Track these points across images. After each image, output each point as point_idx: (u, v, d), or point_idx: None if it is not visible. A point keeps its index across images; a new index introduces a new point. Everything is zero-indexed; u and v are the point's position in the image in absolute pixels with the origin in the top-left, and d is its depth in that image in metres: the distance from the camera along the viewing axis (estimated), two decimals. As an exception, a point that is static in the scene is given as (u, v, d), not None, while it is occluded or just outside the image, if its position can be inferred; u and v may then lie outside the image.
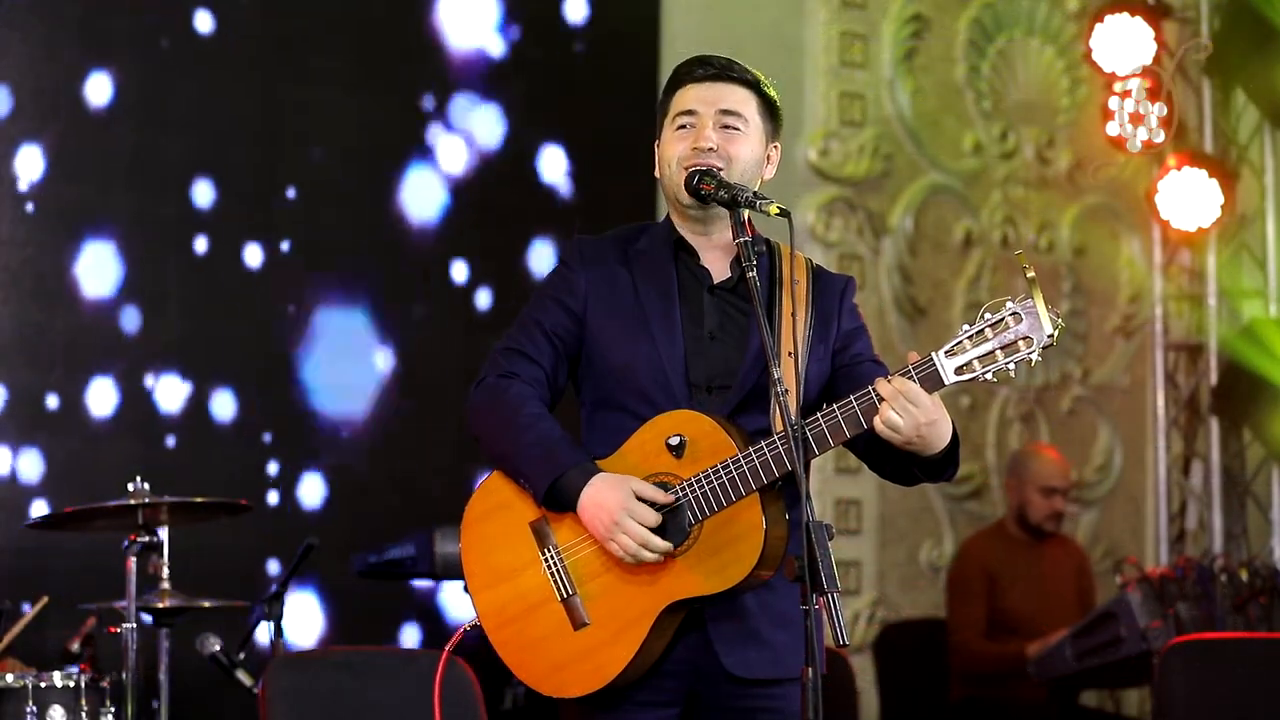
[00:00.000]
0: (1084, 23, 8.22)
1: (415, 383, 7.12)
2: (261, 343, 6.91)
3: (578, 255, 3.83)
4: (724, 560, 3.59)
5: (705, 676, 3.69)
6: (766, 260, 3.75)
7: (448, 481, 6.85)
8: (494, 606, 3.71)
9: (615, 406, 3.74)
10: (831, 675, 3.59)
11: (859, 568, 8.11)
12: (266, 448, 6.86)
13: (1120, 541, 8.57)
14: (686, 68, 3.83)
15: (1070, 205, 8.76)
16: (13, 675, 5.09)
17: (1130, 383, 8.82)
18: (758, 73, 3.83)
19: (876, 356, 3.85)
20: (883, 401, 3.51)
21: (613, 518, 3.59)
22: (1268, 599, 6.84)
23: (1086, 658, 6.93)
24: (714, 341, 3.75)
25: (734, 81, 3.80)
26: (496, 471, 3.75)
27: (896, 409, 3.49)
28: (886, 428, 3.51)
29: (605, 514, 3.59)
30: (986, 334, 3.52)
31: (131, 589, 5.11)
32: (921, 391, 3.51)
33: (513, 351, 3.77)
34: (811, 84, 8.10)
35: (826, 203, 8.12)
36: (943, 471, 3.66)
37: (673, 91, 3.83)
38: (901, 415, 3.50)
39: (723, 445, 3.60)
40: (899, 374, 3.54)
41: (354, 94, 7.07)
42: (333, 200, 7.03)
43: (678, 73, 3.84)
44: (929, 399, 3.51)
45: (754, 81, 3.81)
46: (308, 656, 5.75)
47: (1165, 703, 5.88)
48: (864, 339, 3.85)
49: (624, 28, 7.62)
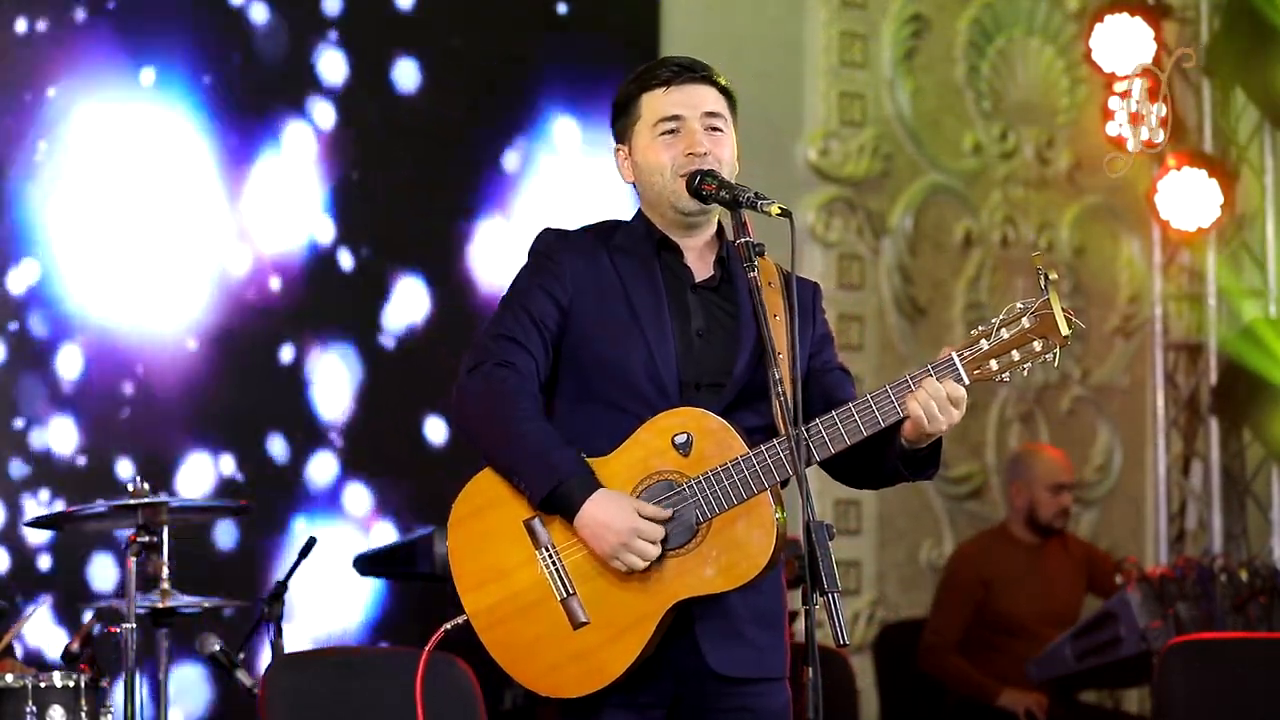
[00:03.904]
0: (1084, 23, 8.22)
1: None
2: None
3: (558, 245, 3.79)
4: (733, 559, 3.59)
5: (691, 676, 3.69)
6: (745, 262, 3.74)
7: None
8: (484, 606, 3.68)
9: (601, 401, 3.71)
10: (830, 675, 3.60)
11: (859, 568, 8.11)
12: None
13: (1120, 541, 8.57)
14: (653, 71, 3.80)
15: (1070, 205, 8.76)
16: (13, 675, 5.08)
17: (1130, 383, 8.81)
18: (713, 68, 3.82)
19: (843, 364, 3.87)
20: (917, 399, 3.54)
21: (620, 539, 3.57)
22: (1268, 599, 6.84)
23: (1086, 658, 6.93)
24: (702, 340, 3.74)
25: (707, 82, 3.79)
26: (486, 469, 3.71)
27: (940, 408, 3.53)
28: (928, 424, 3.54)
29: (611, 534, 3.57)
30: (1003, 334, 3.54)
31: (131, 589, 5.11)
32: (964, 394, 3.56)
33: (505, 338, 3.71)
34: (811, 84, 8.10)
35: (826, 203, 8.12)
36: (926, 469, 3.68)
37: (639, 96, 3.79)
38: (943, 415, 3.54)
39: (730, 444, 3.60)
40: (919, 373, 3.56)
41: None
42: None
43: (643, 76, 3.80)
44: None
45: (717, 78, 3.80)
46: (308, 656, 5.75)
47: (1165, 703, 5.88)
48: (832, 345, 3.88)
49: (624, 27, 7.61)
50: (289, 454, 6.92)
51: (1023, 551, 7.50)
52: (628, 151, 3.83)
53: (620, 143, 3.84)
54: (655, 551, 3.58)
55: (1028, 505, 7.51)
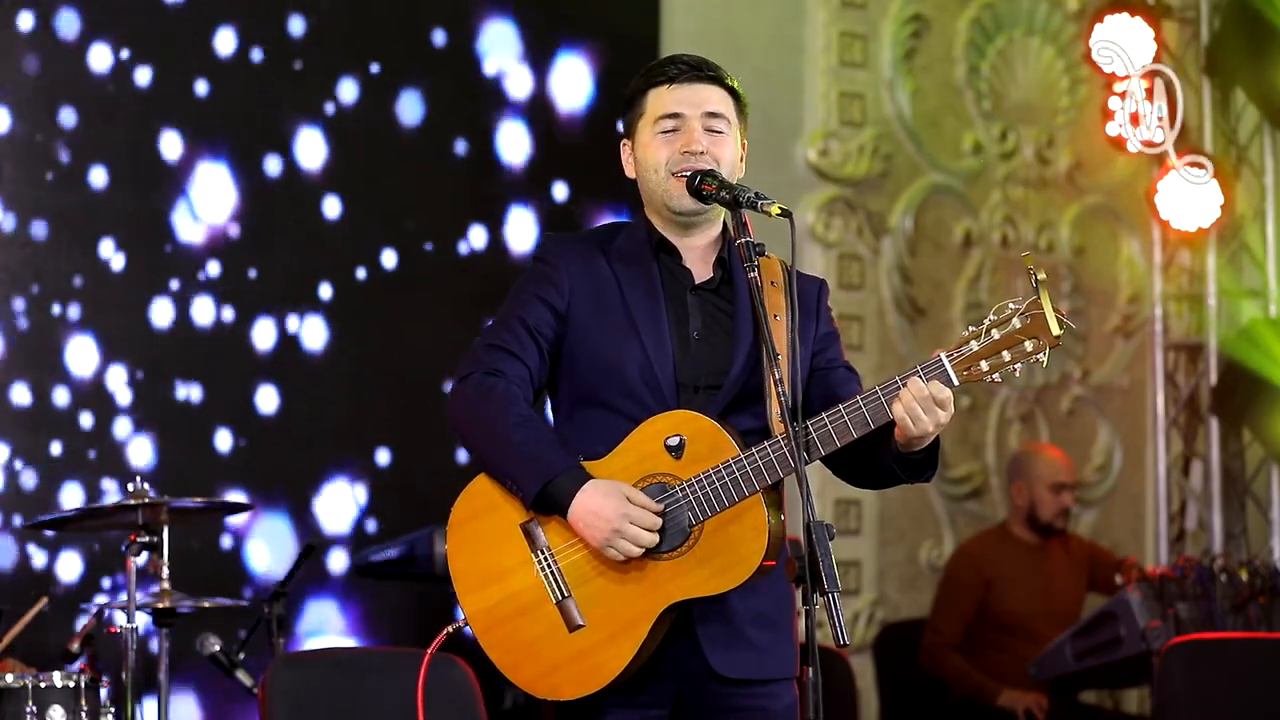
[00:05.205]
0: (1084, 23, 8.22)
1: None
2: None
3: (558, 251, 3.81)
4: (727, 561, 3.59)
5: (692, 677, 3.69)
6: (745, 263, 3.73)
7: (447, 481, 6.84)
8: (483, 608, 3.70)
9: (599, 405, 3.72)
10: (831, 675, 3.60)
11: (859, 568, 8.10)
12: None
13: (1120, 541, 8.57)
14: (660, 68, 3.81)
15: (1070, 205, 8.76)
16: (13, 675, 5.08)
17: (1130, 383, 8.81)
18: (723, 69, 3.82)
19: (848, 362, 3.87)
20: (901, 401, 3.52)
21: (611, 526, 3.58)
22: (1267, 599, 6.84)
23: (1086, 658, 6.94)
24: (700, 342, 3.74)
25: (712, 81, 3.79)
26: (483, 473, 3.73)
27: (924, 409, 3.51)
28: (913, 426, 3.52)
29: (603, 522, 3.58)
30: (993, 335, 3.53)
31: (131, 589, 5.11)
32: (949, 395, 3.53)
33: (496, 348, 3.73)
34: (811, 84, 8.10)
35: (826, 203, 8.12)
36: (923, 471, 3.68)
37: (645, 91, 3.80)
38: (928, 417, 3.51)
39: (722, 446, 3.60)
40: (908, 375, 3.55)
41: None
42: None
43: (649, 73, 3.82)
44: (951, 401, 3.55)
45: (726, 79, 3.81)
46: (308, 656, 5.75)
47: (1165, 703, 5.88)
48: (838, 343, 3.87)
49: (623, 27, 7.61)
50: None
51: (1023, 551, 7.50)
52: (632, 146, 3.83)
53: (626, 137, 3.86)
54: (649, 539, 3.58)
55: (1028, 505, 7.51)
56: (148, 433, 6.56)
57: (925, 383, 3.52)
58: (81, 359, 6.48)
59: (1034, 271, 3.50)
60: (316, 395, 6.88)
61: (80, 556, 6.40)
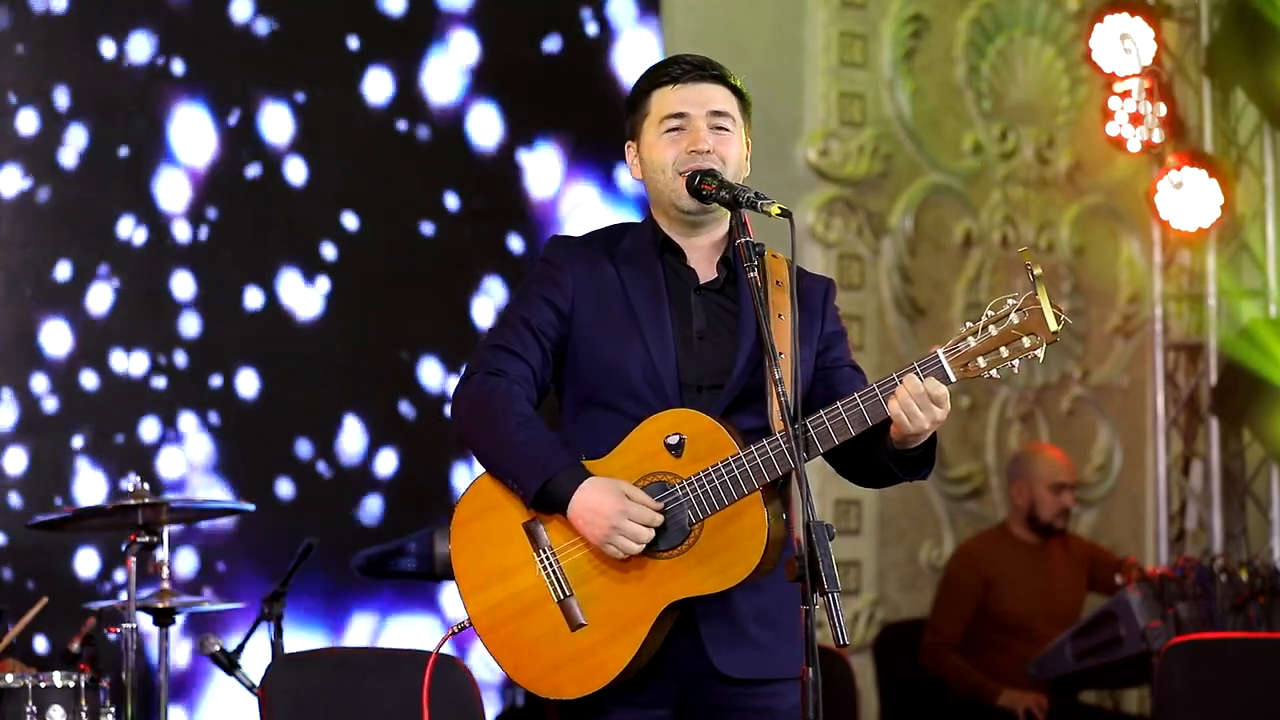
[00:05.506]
0: (1084, 23, 8.23)
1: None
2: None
3: (562, 253, 3.82)
4: (727, 559, 3.59)
5: (695, 677, 3.69)
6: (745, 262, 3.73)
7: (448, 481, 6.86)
8: (486, 607, 3.70)
9: (603, 405, 3.73)
10: (831, 675, 3.60)
11: (859, 568, 8.10)
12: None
13: (1120, 541, 8.57)
14: (664, 68, 3.81)
15: (1070, 205, 8.76)
16: (13, 675, 5.09)
17: (1130, 383, 8.81)
18: (726, 68, 3.83)
19: (854, 361, 3.87)
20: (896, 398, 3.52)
21: (610, 522, 3.58)
22: (1267, 599, 6.84)
23: (1086, 658, 6.93)
24: (703, 342, 3.75)
25: (716, 81, 3.80)
26: (486, 473, 3.74)
27: (920, 406, 3.50)
28: (909, 423, 3.51)
29: (601, 518, 3.59)
30: (990, 331, 3.53)
31: (132, 589, 5.11)
32: (945, 392, 3.52)
33: (499, 349, 3.75)
34: (811, 84, 8.10)
35: (826, 203, 8.12)
36: (920, 469, 3.68)
37: (649, 92, 3.81)
38: (924, 413, 3.51)
39: (722, 444, 3.61)
40: (904, 372, 3.55)
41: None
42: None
43: (654, 73, 3.82)
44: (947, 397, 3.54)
45: (730, 79, 3.81)
46: (308, 656, 5.75)
47: (1165, 703, 5.88)
48: (844, 342, 3.87)
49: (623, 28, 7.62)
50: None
51: (1023, 551, 7.50)
52: (637, 148, 3.84)
53: (631, 138, 3.86)
54: (648, 535, 3.58)
55: (1029, 505, 7.51)
56: (147, 432, 6.56)
57: (922, 379, 3.52)
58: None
59: (1031, 267, 3.50)
60: (315, 393, 6.89)
61: (80, 556, 6.40)
